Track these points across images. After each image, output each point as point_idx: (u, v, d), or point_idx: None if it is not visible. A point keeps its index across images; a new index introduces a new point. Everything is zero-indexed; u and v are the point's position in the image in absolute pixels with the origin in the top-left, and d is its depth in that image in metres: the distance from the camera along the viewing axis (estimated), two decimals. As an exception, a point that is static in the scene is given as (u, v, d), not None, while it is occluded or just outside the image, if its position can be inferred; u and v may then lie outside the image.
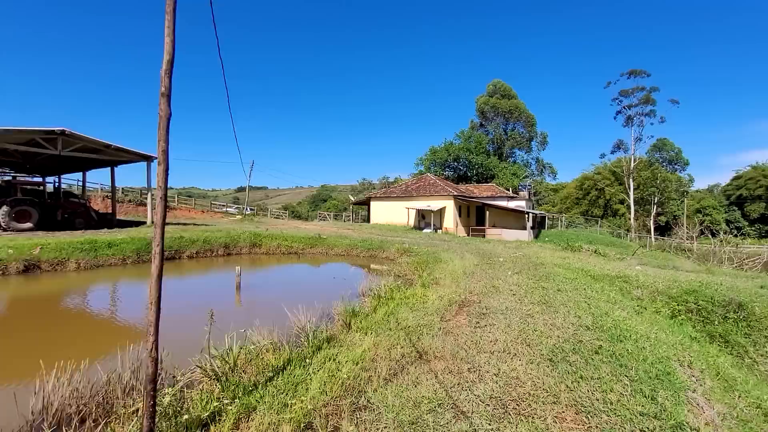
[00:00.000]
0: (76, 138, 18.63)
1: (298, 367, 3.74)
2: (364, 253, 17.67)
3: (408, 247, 16.10)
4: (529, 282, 8.22)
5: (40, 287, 10.98)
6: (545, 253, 15.43)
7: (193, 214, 40.50)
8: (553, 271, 9.87)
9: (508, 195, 36.49)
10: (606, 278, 10.35)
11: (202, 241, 17.18)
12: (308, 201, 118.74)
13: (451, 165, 52.34)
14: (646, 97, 51.58)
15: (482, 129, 59.24)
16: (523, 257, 13.18)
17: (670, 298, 9.15)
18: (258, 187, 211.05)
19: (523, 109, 57.77)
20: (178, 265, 15.39)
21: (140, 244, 15.29)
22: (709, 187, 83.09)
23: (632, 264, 14.03)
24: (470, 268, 10.33)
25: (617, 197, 56.44)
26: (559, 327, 5.03)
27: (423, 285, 7.85)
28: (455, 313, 5.95)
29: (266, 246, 18.50)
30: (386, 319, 5.48)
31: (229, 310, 8.86)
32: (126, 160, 21.85)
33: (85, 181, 27.83)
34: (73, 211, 20.41)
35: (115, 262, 14.17)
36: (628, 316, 5.95)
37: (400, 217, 33.82)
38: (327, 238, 19.85)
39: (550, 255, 14.39)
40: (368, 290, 7.91)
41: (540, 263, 11.38)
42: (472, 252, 14.80)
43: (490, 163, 51.32)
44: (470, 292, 7.37)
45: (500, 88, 59.27)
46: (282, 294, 10.32)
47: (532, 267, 10.66)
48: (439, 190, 32.89)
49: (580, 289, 7.55)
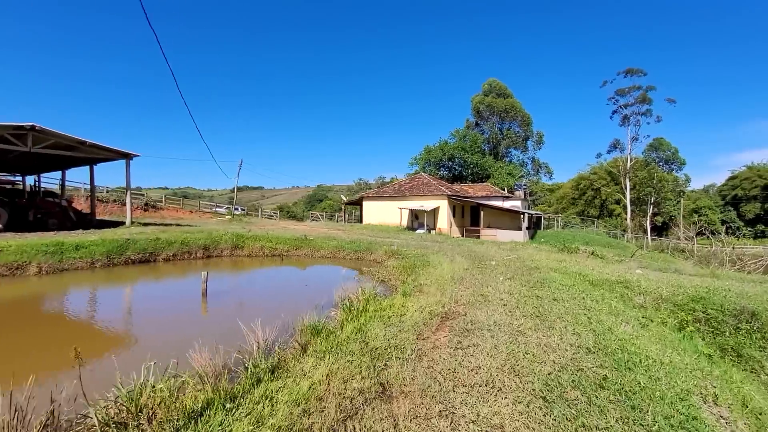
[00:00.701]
0: (47, 134, 17.64)
1: (220, 411, 2.91)
2: (351, 256, 16.83)
3: (396, 250, 15.28)
4: (522, 289, 7.43)
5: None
6: (541, 255, 14.66)
7: (181, 214, 39.45)
8: (548, 276, 9.09)
9: (503, 195, 35.77)
10: (605, 284, 9.58)
11: (180, 242, 16.27)
12: (304, 201, 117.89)
13: (446, 164, 51.62)
14: (643, 96, 51.11)
15: (478, 128, 58.57)
16: (517, 260, 12.40)
17: (675, 306, 8.40)
18: (254, 187, 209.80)
19: (519, 108, 57.16)
20: (153, 268, 14.49)
21: (112, 246, 14.37)
22: (705, 188, 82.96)
23: (632, 267, 13.29)
24: (459, 273, 9.52)
25: (613, 197, 55.93)
26: (555, 348, 4.22)
27: (404, 294, 7.03)
28: (435, 329, 5.13)
29: (249, 248, 17.62)
30: (353, 337, 4.66)
31: (190, 320, 8.00)
32: (103, 158, 20.88)
33: (65, 180, 26.79)
34: (47, 212, 19.42)
35: (83, 265, 13.24)
36: (634, 333, 5.16)
37: (393, 217, 33.02)
38: (313, 239, 18.99)
39: (546, 257, 13.62)
40: (345, 299, 7.08)
41: (535, 267, 10.60)
42: (464, 254, 14.00)
43: (486, 162, 50.64)
44: (456, 302, 6.56)
45: (496, 87, 58.63)
46: (253, 302, 9.47)
47: (526, 271, 9.87)
48: (433, 189, 32.12)
49: (579, 298, 6.76)
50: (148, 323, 7.81)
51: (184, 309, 9.00)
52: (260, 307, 8.56)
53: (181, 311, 8.84)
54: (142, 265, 14.56)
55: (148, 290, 11.60)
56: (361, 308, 5.94)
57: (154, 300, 10.03)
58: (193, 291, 9.99)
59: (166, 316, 8.36)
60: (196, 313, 8.61)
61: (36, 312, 8.63)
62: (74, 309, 8.90)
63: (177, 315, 8.47)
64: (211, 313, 8.62)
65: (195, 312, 8.70)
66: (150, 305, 9.40)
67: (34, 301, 9.61)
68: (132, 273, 13.44)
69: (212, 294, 9.44)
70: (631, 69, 51.99)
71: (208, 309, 8.80)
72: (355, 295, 7.36)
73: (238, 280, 13.42)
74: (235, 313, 8.45)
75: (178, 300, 9.94)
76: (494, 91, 58.05)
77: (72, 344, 2.78)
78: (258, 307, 8.72)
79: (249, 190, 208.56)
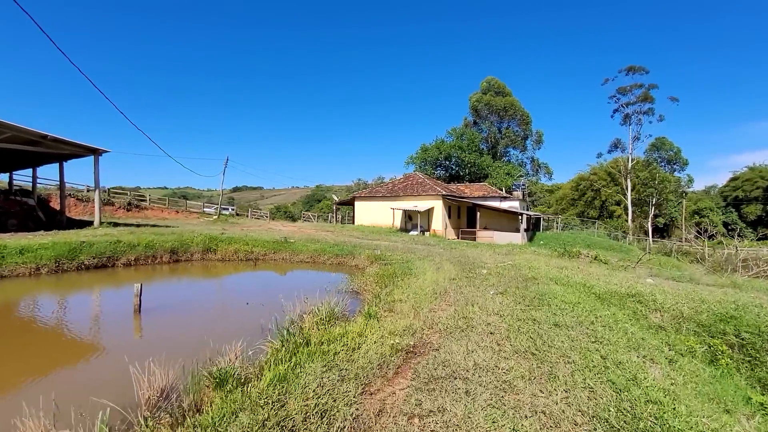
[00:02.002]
0: (2, 126, 16.21)
1: None
2: (332, 260, 15.40)
3: (380, 255, 13.86)
4: (516, 309, 6.02)
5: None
6: (539, 261, 13.26)
7: (166, 214, 37.99)
8: (548, 289, 7.68)
9: (500, 195, 34.39)
10: (614, 297, 8.18)
11: (145, 245, 14.83)
12: (302, 201, 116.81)
13: (442, 164, 50.25)
14: (645, 95, 49.79)
15: (476, 127, 57.16)
16: (512, 267, 10.99)
17: (700, 326, 7.01)
18: (253, 187, 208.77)
19: (518, 106, 55.79)
20: (108, 274, 13.04)
21: (63, 249, 12.92)
22: (706, 189, 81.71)
23: (641, 275, 11.90)
24: (443, 285, 8.12)
25: (614, 198, 54.57)
26: (559, 421, 2.82)
27: (368, 315, 5.61)
28: (393, 374, 3.73)
29: (222, 251, 16.19)
30: (268, 393, 3.25)
31: (112, 345, 6.50)
32: (70, 153, 19.43)
33: (36, 177, 25.30)
34: (6, 211, 17.98)
35: (25, 272, 11.80)
36: (667, 380, 3.76)
37: (385, 218, 31.60)
38: (294, 242, 17.57)
39: (545, 264, 12.22)
40: (292, 322, 5.67)
41: (532, 277, 9.18)
42: (454, 260, 12.59)
43: (483, 162, 49.26)
44: (431, 327, 5.16)
45: (494, 86, 57.26)
46: (195, 322, 7.95)
47: (522, 283, 8.46)
48: (427, 189, 30.70)
49: (586, 323, 5.35)
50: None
51: (117, 328, 7.56)
52: (185, 333, 7.08)
53: (111, 330, 7.41)
54: (97, 271, 13.12)
55: (76, 304, 9.91)
56: (304, 339, 4.52)
57: (75, 317, 8.53)
58: (127, 305, 8.46)
59: (94, 335, 6.91)
60: (128, 334, 7.17)
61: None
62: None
63: (107, 335, 7.04)
64: (149, 334, 7.19)
65: (127, 333, 7.27)
66: (75, 322, 7.94)
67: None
68: (77, 280, 11.97)
69: (149, 310, 8.01)
70: (633, 66, 50.68)
71: (142, 329, 7.37)
72: (309, 314, 5.95)
73: (195, 290, 11.94)
74: (175, 336, 7.05)
75: (118, 314, 8.47)
76: (493, 90, 56.69)
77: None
78: (184, 330, 7.25)
79: (248, 190, 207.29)
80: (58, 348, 6.23)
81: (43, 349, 6.19)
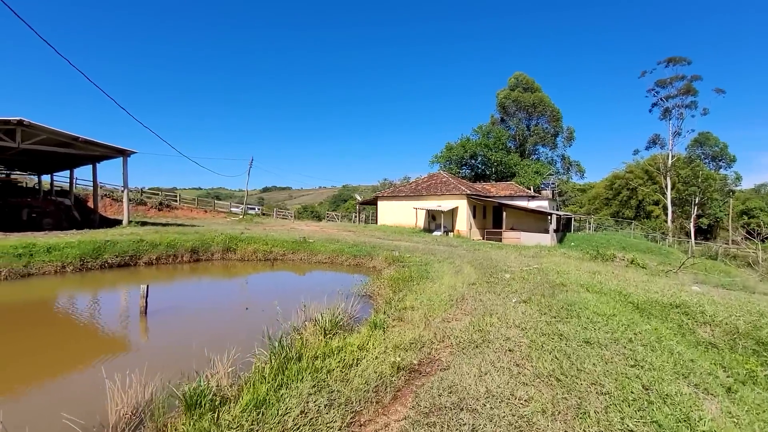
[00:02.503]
0: (36, 129, 16.87)
1: None
2: (349, 261, 15.02)
3: (398, 256, 13.35)
4: (541, 321, 5.36)
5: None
6: (569, 264, 12.34)
7: (195, 214, 39.03)
8: (578, 297, 6.92)
9: (528, 194, 33.04)
10: (655, 308, 7.30)
11: (166, 245, 14.99)
12: (329, 201, 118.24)
13: (468, 163, 49.03)
14: (687, 87, 46.68)
15: (503, 124, 55.50)
16: (538, 272, 10.20)
17: (760, 344, 6.06)
18: (282, 188, 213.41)
19: (548, 102, 53.70)
20: (131, 273, 13.22)
21: (87, 248, 13.19)
22: (756, 187, 75.76)
23: (685, 282, 10.80)
24: (461, 290, 7.51)
25: (651, 198, 51.52)
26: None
27: (373, 325, 5.12)
28: (390, 401, 3.22)
29: (242, 251, 16.16)
30: (242, 419, 2.82)
31: (105, 350, 6.31)
32: (100, 155, 20.05)
33: (73, 179, 26.42)
34: (42, 211, 18.73)
35: (51, 270, 12.08)
36: (723, 416, 3.06)
37: (408, 218, 31.01)
38: (313, 242, 17.34)
39: (575, 268, 11.32)
40: (287, 333, 5.27)
41: (560, 283, 8.40)
42: (476, 263, 11.89)
43: (511, 160, 47.68)
44: (441, 341, 4.61)
45: (523, 81, 55.38)
46: (198, 326, 7.70)
47: (549, 289, 7.72)
48: (451, 188, 29.89)
49: (623, 340, 4.64)
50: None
51: (123, 330, 7.44)
52: (184, 338, 6.74)
53: (114, 333, 7.29)
54: (120, 270, 13.32)
55: (86, 304, 9.82)
56: (296, 353, 4.07)
57: (81, 318, 8.50)
58: (136, 306, 8.32)
59: (95, 339, 6.79)
60: (134, 337, 7.02)
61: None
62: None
63: (108, 338, 6.90)
64: (155, 337, 7.02)
65: (133, 336, 7.12)
66: (65, 329, 7.90)
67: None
68: (98, 279, 12.11)
69: (157, 311, 7.86)
70: (674, 58, 47.68)
71: (149, 330, 7.21)
72: (311, 322, 5.53)
73: (201, 292, 11.78)
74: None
75: (126, 315, 8.40)
76: (521, 86, 54.84)
77: None
78: (184, 336, 6.93)
79: (277, 191, 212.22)
80: (52, 353, 6.06)
81: (36, 353, 6.03)
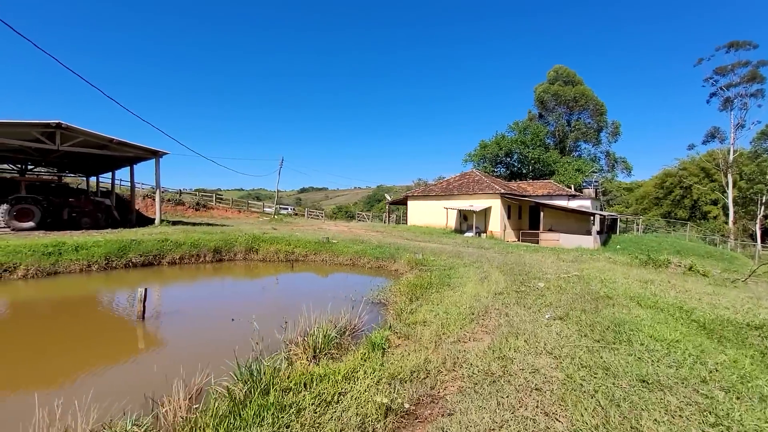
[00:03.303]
0: (74, 132, 17.51)
1: None
2: (371, 264, 14.30)
3: (421, 259, 12.44)
4: (580, 346, 4.33)
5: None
6: (615, 271, 10.91)
7: (229, 213, 39.99)
8: (628, 315, 5.76)
9: (568, 193, 30.91)
10: (728, 329, 5.96)
11: (190, 244, 14.97)
12: (363, 201, 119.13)
13: (503, 161, 46.99)
14: (752, 74, 42.11)
15: (542, 120, 52.80)
16: (579, 280, 8.95)
17: None
18: (318, 188, 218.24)
19: (591, 95, 50.45)
20: (153, 272, 13.22)
21: (112, 247, 13.33)
22: (836, 185, 67.51)
23: (761, 294, 9.13)
24: (485, 301, 6.54)
25: (708, 197, 47.02)
26: None
27: (371, 344, 4.33)
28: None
29: (264, 251, 15.88)
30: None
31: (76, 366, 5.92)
32: (134, 156, 20.62)
33: (114, 179, 27.64)
34: (81, 210, 19.49)
35: (77, 268, 12.25)
36: None
37: (439, 218, 29.92)
38: (336, 243, 16.78)
39: (623, 275, 9.92)
40: (290, 344, 4.58)
41: (605, 295, 7.19)
42: (506, 268, 10.76)
43: (549, 157, 45.15)
44: (451, 370, 3.73)
45: (563, 74, 52.41)
46: (192, 336, 7.18)
47: (591, 303, 6.56)
48: (484, 187, 28.46)
49: (693, 379, 3.54)
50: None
51: (125, 337, 7.11)
52: (169, 352, 6.26)
53: (119, 339, 6.95)
54: (143, 269, 13.36)
55: (89, 306, 9.73)
56: (264, 385, 3.34)
57: (81, 321, 8.29)
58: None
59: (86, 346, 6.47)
60: (131, 345, 6.64)
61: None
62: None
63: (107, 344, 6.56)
64: (157, 348, 6.60)
65: (129, 344, 6.75)
66: (53, 337, 7.66)
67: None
68: (120, 278, 12.10)
69: (159, 315, 7.48)
70: (736, 42, 43.17)
71: (149, 333, 6.81)
72: (301, 338, 4.83)
73: (210, 294, 11.40)
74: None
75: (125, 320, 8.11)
76: (561, 79, 51.93)
77: None
78: (170, 349, 6.45)
79: (314, 191, 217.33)
80: (22, 363, 5.72)
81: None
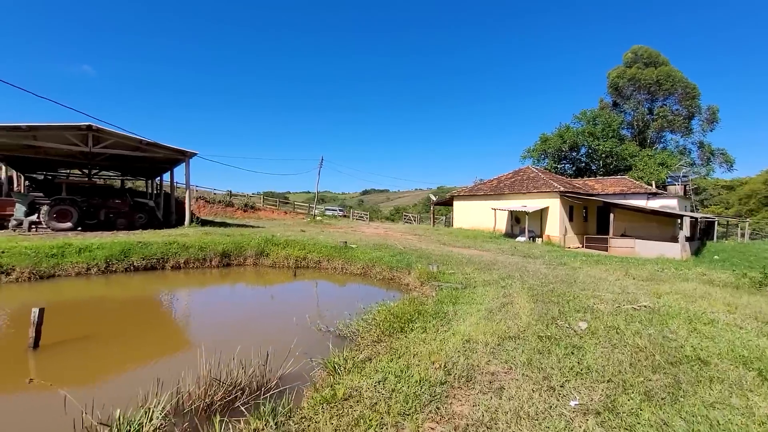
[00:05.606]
0: (105, 133, 17.72)
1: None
2: (384, 274, 12.12)
3: (436, 272, 10.02)
4: None
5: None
6: (713, 299, 7.56)
7: (275, 215, 40.27)
8: (740, 414, 3.01)
9: (648, 191, 25.91)
10: None
11: (197, 248, 14.04)
12: (423, 203, 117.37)
13: (567, 156, 41.81)
14: None
15: (616, 109, 46.33)
16: (649, 317, 6.00)
17: None
18: (380, 190, 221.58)
19: (679, 78, 43.10)
20: (159, 276, 12.41)
21: (114, 249, 12.73)
22: None
23: None
24: (479, 355, 4.11)
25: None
26: None
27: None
28: None
29: (274, 256, 14.50)
30: None
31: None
32: (164, 157, 20.64)
33: (153, 181, 28.61)
34: (117, 211, 19.87)
35: (76, 271, 11.74)
36: None
37: (487, 220, 26.76)
38: (355, 248, 14.90)
39: (726, 307, 6.68)
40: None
41: (694, 356, 4.30)
42: (544, 289, 7.96)
43: (625, 150, 39.15)
44: None
45: (643, 56, 45.51)
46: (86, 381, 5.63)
47: (665, 374, 3.79)
48: (540, 185, 24.77)
49: None
50: None
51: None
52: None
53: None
54: (145, 273, 12.56)
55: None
56: None
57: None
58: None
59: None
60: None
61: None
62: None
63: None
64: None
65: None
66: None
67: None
68: (108, 283, 11.25)
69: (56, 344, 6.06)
70: None
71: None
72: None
73: (211, 305, 10.07)
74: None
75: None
76: (641, 61, 45.15)
77: None
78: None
79: (376, 193, 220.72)
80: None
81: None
